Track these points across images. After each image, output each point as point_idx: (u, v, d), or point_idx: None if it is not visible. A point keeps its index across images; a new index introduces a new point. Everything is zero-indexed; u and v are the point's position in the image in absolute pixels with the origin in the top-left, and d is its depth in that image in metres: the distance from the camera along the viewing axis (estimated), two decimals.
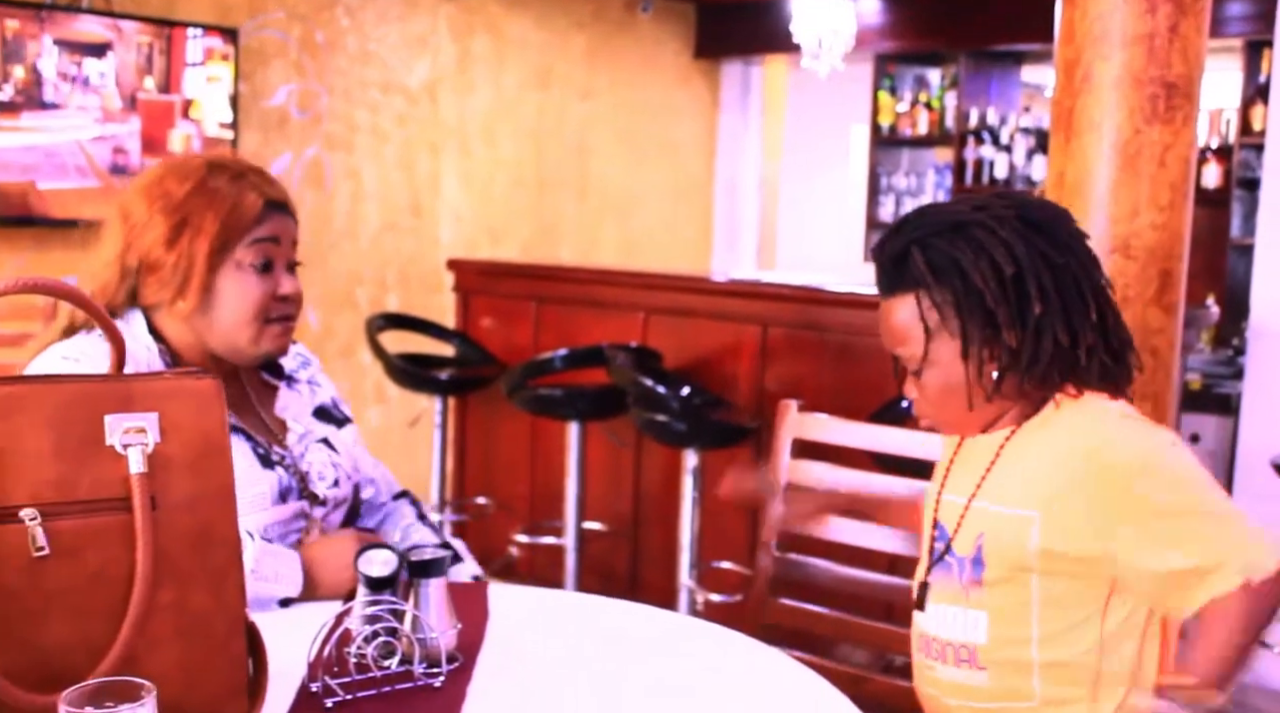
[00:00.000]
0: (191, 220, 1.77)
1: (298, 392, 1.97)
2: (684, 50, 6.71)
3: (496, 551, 4.59)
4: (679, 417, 3.52)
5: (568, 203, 6.17)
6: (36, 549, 1.18)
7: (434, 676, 1.44)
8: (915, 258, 1.55)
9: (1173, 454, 1.52)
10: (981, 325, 1.54)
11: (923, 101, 6.57)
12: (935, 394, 1.60)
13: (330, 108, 5.16)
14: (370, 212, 5.34)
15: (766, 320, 3.92)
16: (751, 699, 1.46)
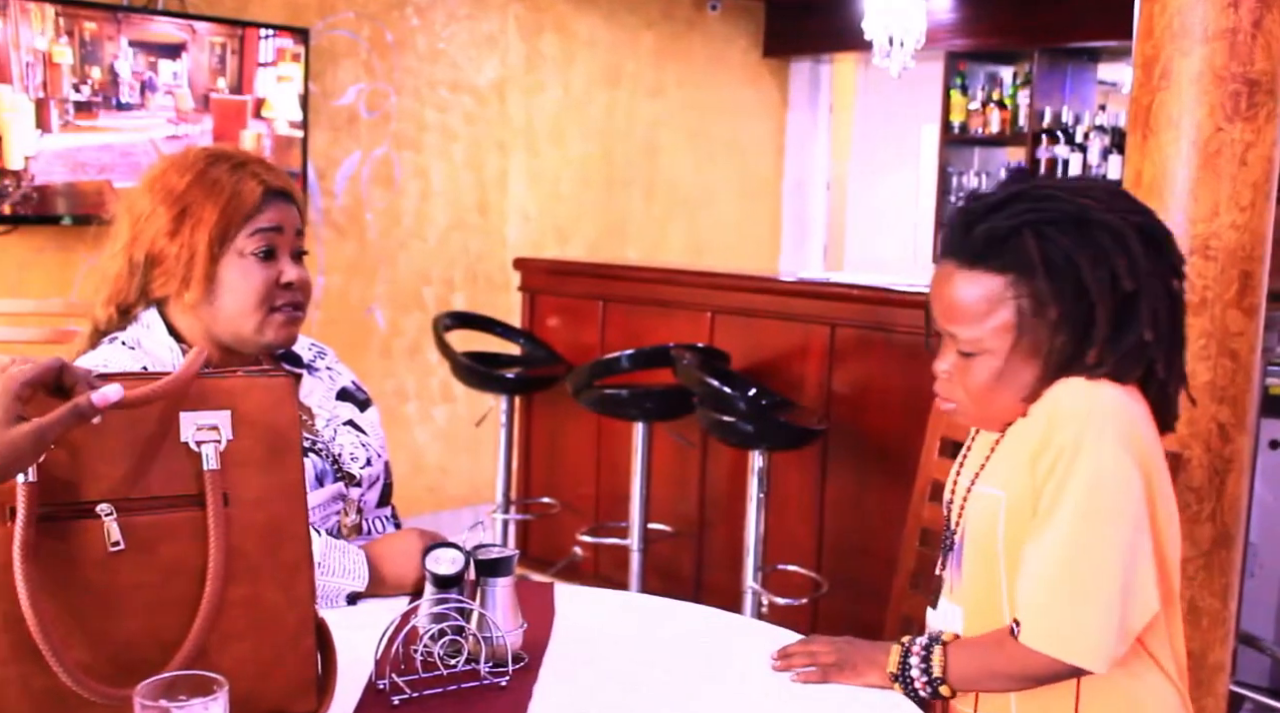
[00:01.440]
0: (192, 210, 1.78)
1: (319, 378, 1.99)
2: (753, 49, 6.69)
3: (561, 551, 4.60)
4: (746, 418, 3.51)
5: (635, 202, 6.18)
6: (112, 544, 1.20)
7: (500, 675, 1.45)
8: (1028, 242, 1.43)
9: (1117, 467, 1.40)
10: (1074, 334, 1.44)
11: (995, 100, 6.50)
12: (980, 383, 1.49)
13: (399, 107, 5.20)
14: (438, 211, 5.37)
15: (834, 321, 3.90)
16: (814, 702, 1.45)
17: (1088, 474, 1.40)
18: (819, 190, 7.28)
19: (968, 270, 1.46)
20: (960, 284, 1.47)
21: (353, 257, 5.09)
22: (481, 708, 1.39)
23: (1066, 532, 1.40)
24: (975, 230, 1.46)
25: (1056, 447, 1.42)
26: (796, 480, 3.91)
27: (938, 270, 1.51)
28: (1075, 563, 1.40)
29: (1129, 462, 1.41)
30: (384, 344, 5.22)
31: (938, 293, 1.50)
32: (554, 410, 4.65)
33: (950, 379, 1.52)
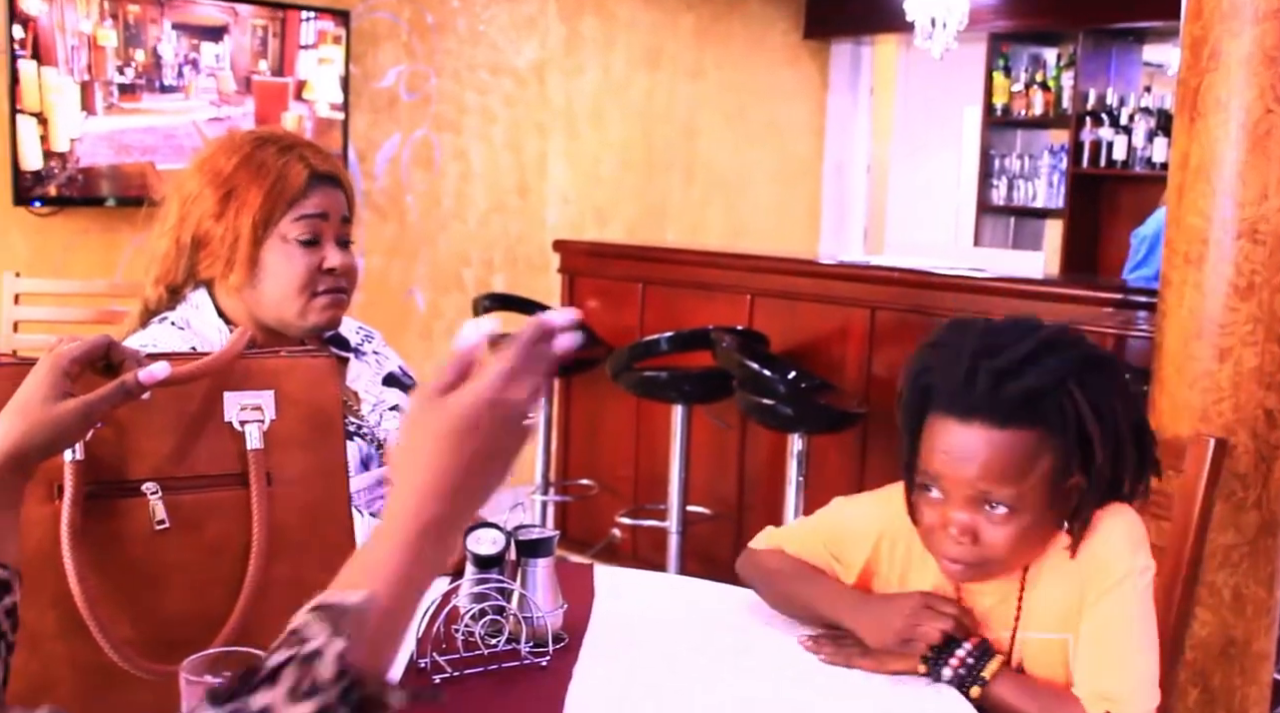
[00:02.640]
0: (237, 193, 1.77)
1: (366, 363, 1.99)
2: (793, 30, 6.65)
3: (600, 532, 4.61)
4: (785, 401, 3.50)
5: (675, 184, 6.17)
6: (157, 523, 1.21)
7: (540, 655, 1.45)
8: (1074, 396, 1.40)
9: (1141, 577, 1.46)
10: (1110, 473, 1.44)
11: (1038, 82, 6.43)
12: (1015, 537, 1.43)
13: (439, 89, 5.21)
14: (478, 193, 5.38)
15: (874, 304, 3.88)
16: (853, 684, 1.45)
17: (1137, 582, 1.45)
18: (859, 173, 7.24)
19: (1001, 429, 1.39)
20: (999, 442, 1.40)
21: (393, 238, 5.11)
22: (522, 688, 1.39)
23: (1140, 638, 1.45)
24: (1007, 388, 1.39)
25: (1109, 573, 1.45)
26: (836, 464, 3.90)
27: (959, 428, 1.41)
28: (1147, 668, 1.45)
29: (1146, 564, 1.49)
30: (424, 325, 5.24)
31: (966, 455, 1.40)
32: (593, 392, 4.66)
33: (972, 543, 1.43)
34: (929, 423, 1.44)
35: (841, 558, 1.63)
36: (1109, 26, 6.07)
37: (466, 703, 1.35)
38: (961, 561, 1.44)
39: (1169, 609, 1.89)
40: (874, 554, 1.60)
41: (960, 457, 1.40)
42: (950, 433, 1.41)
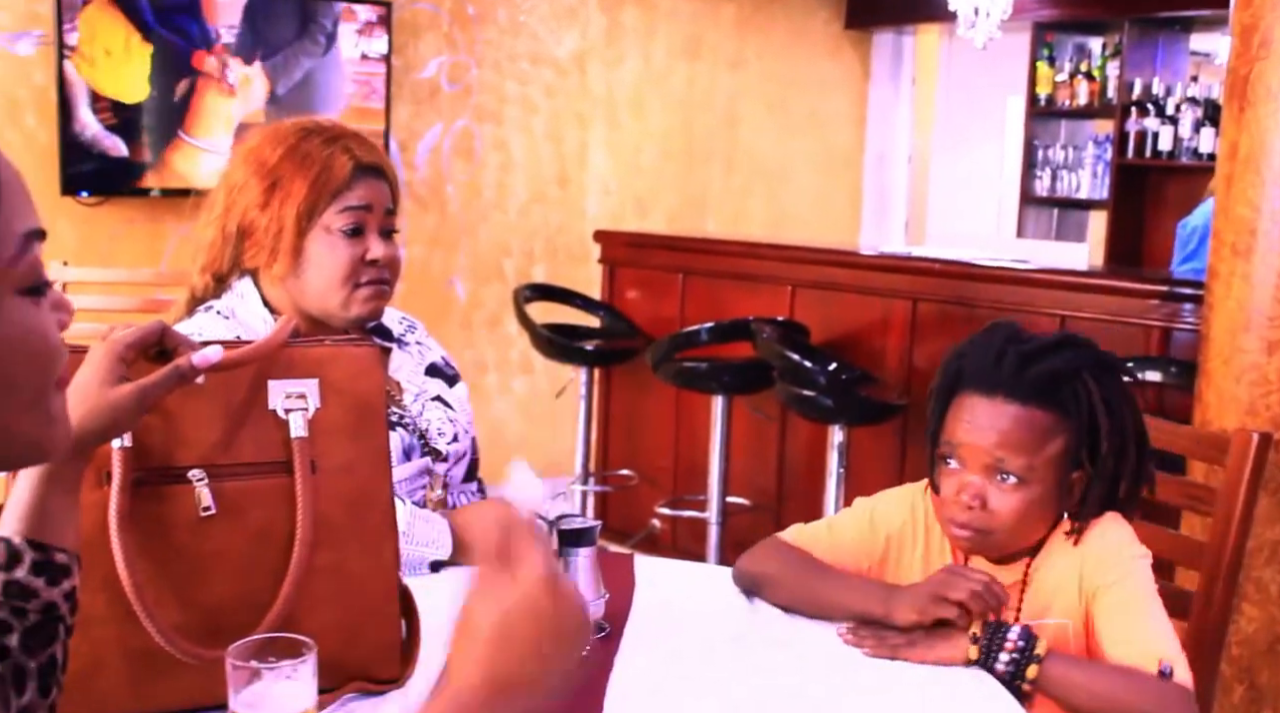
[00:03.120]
0: (282, 183, 1.78)
1: (408, 353, 1.99)
2: (834, 20, 6.62)
3: (639, 523, 4.61)
4: (826, 392, 3.49)
5: (715, 175, 6.15)
6: (203, 509, 1.23)
7: None
8: (1088, 385, 1.57)
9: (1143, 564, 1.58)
10: (1110, 469, 1.58)
11: (1083, 71, 6.37)
12: (1020, 509, 1.57)
13: (480, 79, 5.22)
14: (518, 183, 5.39)
15: (916, 295, 3.86)
16: (893, 677, 1.44)
17: (1144, 566, 1.58)
18: (900, 164, 7.20)
19: (1021, 406, 1.55)
20: (1018, 416, 1.56)
21: (434, 229, 5.13)
22: None
23: (1159, 610, 1.54)
24: (1030, 370, 1.55)
25: (1115, 565, 1.57)
26: (876, 455, 3.89)
27: (984, 402, 1.57)
28: (1174, 639, 1.52)
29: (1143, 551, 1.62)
30: (464, 316, 5.26)
31: (988, 425, 1.56)
32: (633, 383, 4.66)
33: (981, 508, 1.56)
34: (957, 400, 1.60)
35: (856, 557, 1.70)
36: (1156, 15, 6.00)
37: None
38: (970, 525, 1.57)
39: (1210, 605, 1.87)
40: (885, 554, 1.70)
41: (982, 426, 1.56)
42: (976, 406, 1.57)
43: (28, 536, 1.01)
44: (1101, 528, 1.60)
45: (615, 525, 4.67)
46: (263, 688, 1.04)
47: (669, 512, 4.40)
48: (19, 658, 0.98)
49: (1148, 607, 1.54)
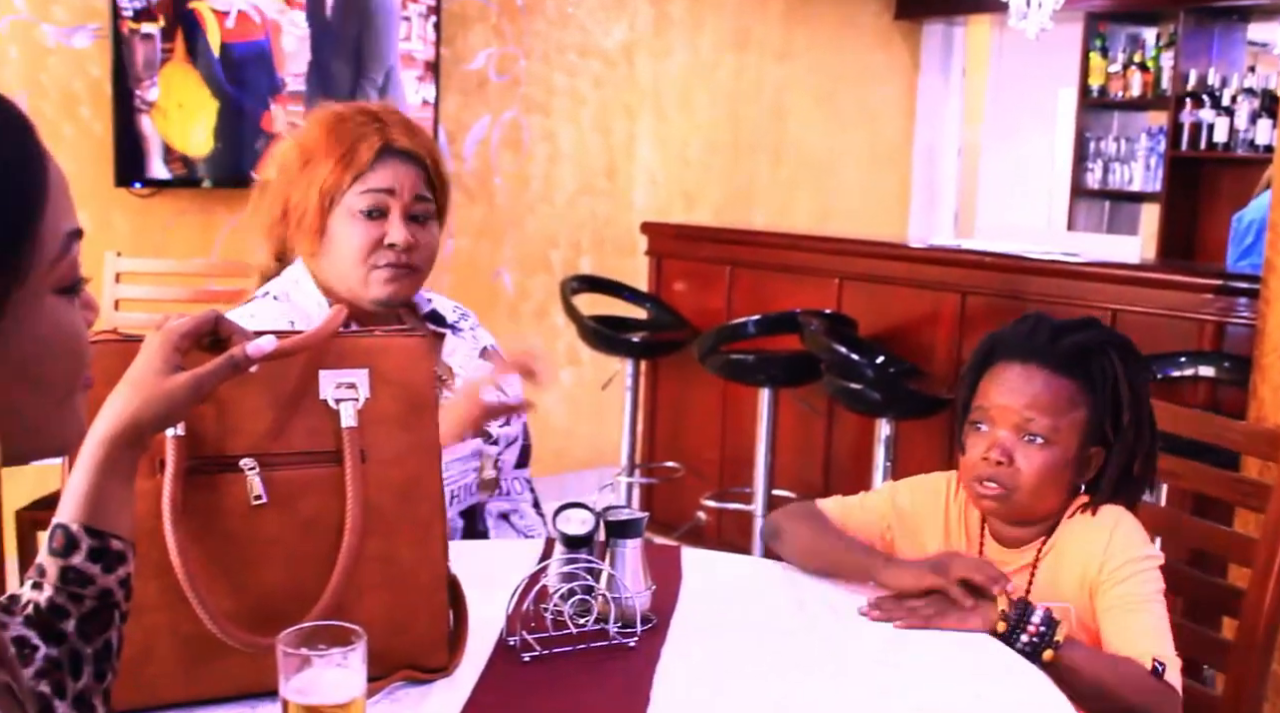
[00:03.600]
0: (314, 162, 1.80)
1: (462, 339, 2.01)
2: (884, 11, 6.57)
3: (685, 515, 4.61)
4: (873, 385, 3.47)
5: (763, 167, 6.13)
6: (254, 498, 1.24)
7: (629, 635, 1.46)
8: (1113, 361, 1.68)
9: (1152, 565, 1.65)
10: (1126, 447, 1.68)
11: (1136, 62, 6.29)
12: (1043, 471, 1.66)
13: (528, 71, 5.22)
14: (566, 175, 5.39)
15: (965, 288, 3.83)
16: (940, 670, 1.44)
17: (1155, 573, 1.65)
18: (950, 156, 7.14)
19: (1052, 372, 1.67)
20: (1048, 381, 1.67)
21: (481, 220, 5.15)
22: (610, 668, 1.40)
23: (1161, 612, 1.62)
24: (1062, 341, 1.68)
25: (1124, 557, 1.64)
26: (923, 449, 3.86)
27: (1017, 367, 1.68)
28: (1169, 636, 1.61)
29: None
30: (511, 307, 5.27)
31: (1019, 387, 1.67)
32: (679, 375, 4.66)
33: (1008, 465, 1.66)
34: (990, 371, 1.71)
35: (875, 530, 1.82)
36: (1212, 4, 5.91)
37: (555, 682, 1.36)
38: (995, 479, 1.66)
39: (1261, 602, 1.84)
40: (901, 533, 1.81)
41: (1013, 389, 1.67)
42: (1009, 371, 1.68)
43: (85, 523, 1.02)
44: (1116, 520, 1.68)
45: (660, 518, 4.68)
46: (313, 675, 1.05)
47: (714, 504, 4.39)
48: (75, 643, 1.00)
49: (1151, 608, 1.62)
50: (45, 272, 0.77)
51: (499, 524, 1.95)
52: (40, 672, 0.95)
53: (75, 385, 0.82)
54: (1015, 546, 1.73)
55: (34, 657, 0.95)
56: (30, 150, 0.76)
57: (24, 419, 0.78)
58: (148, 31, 4.04)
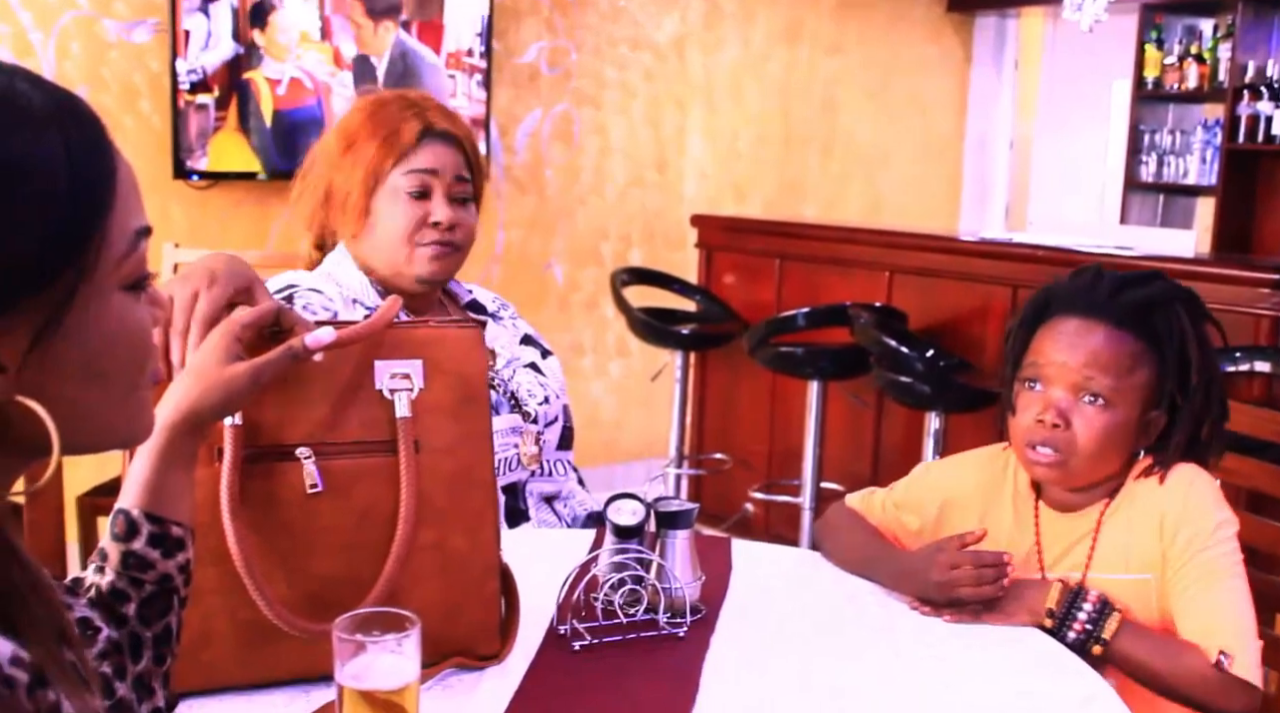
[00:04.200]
0: (357, 146, 1.85)
1: (503, 326, 2.04)
2: (936, 3, 6.52)
3: (733, 506, 4.61)
4: (923, 379, 3.45)
5: (813, 160, 6.11)
6: (310, 487, 1.25)
7: (678, 625, 1.46)
8: (1181, 317, 1.57)
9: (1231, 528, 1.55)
10: (1195, 407, 1.57)
11: (1193, 54, 6.20)
12: (1103, 434, 1.56)
13: (579, 64, 5.23)
14: (617, 167, 5.40)
15: (1016, 282, 3.79)
16: (989, 663, 1.43)
17: (1229, 538, 1.54)
18: (1002, 149, 7.08)
19: (1114, 327, 1.55)
20: (1109, 336, 1.55)
21: (532, 212, 5.16)
22: (659, 657, 1.40)
23: (1236, 580, 1.51)
24: (1125, 295, 1.56)
25: (1195, 524, 1.53)
26: (973, 443, 3.78)
27: (1075, 322, 1.57)
28: (1250, 615, 1.50)
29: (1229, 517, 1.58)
30: (562, 298, 5.28)
31: (1077, 342, 1.56)
32: (728, 367, 4.65)
33: (1064, 428, 1.56)
34: (1046, 325, 1.60)
35: (909, 519, 1.76)
36: None
37: (604, 671, 1.37)
38: (1050, 443, 1.56)
39: None
40: (939, 515, 1.73)
41: (1071, 345, 1.55)
42: (1067, 324, 1.57)
43: (146, 509, 1.04)
44: (1188, 479, 1.57)
45: (708, 509, 4.68)
46: (368, 661, 1.06)
47: (762, 496, 4.39)
48: (135, 627, 1.01)
49: (1227, 583, 1.50)
50: (112, 268, 0.78)
51: (541, 506, 1.97)
52: (102, 653, 0.97)
53: (140, 380, 0.83)
54: (1072, 510, 1.63)
55: (96, 638, 0.97)
56: (100, 148, 0.77)
57: (89, 412, 0.79)
58: (202, 102, 4.11)
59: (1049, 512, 1.66)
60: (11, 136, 0.72)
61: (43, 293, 0.73)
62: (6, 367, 0.73)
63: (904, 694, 1.35)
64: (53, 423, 0.75)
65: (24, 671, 0.67)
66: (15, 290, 0.72)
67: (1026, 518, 1.68)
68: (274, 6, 4.23)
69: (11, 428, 0.75)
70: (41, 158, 0.73)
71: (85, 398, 0.78)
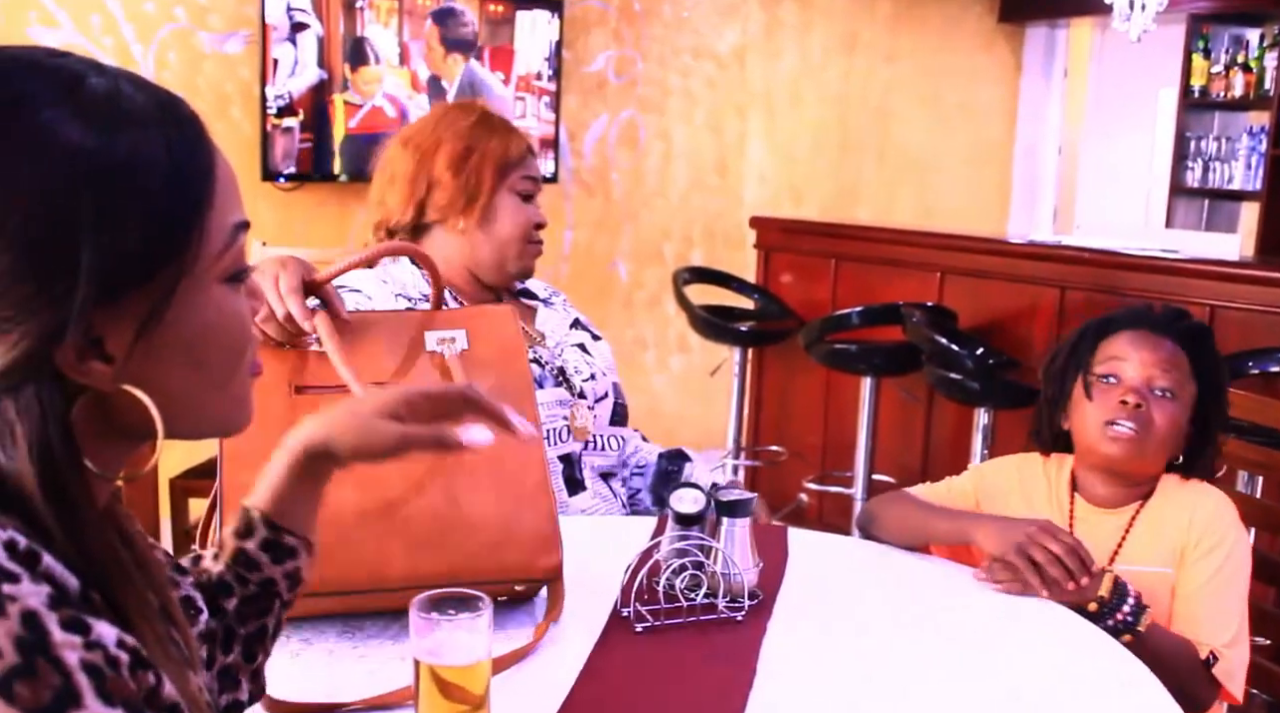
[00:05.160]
0: (478, 147, 1.94)
1: (554, 310, 2.10)
2: (988, 14, 6.45)
3: (787, 497, 4.59)
4: (973, 376, 3.42)
5: (868, 165, 6.06)
6: None
7: (736, 610, 1.46)
8: (1215, 353, 1.75)
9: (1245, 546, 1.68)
10: (1218, 422, 1.73)
11: (1239, 63, 6.08)
12: (1168, 420, 1.68)
13: (645, 73, 5.23)
14: (679, 171, 5.39)
15: (1064, 283, 3.74)
16: (1039, 654, 1.41)
17: (1243, 554, 1.66)
18: (1050, 155, 6.99)
19: (1175, 343, 1.71)
20: (1173, 349, 1.71)
21: (599, 213, 5.17)
22: (718, 640, 1.40)
23: (1239, 592, 1.63)
24: (1180, 322, 1.74)
25: (1216, 534, 1.65)
26: (1020, 438, 3.74)
27: (1147, 332, 1.72)
28: (1243, 622, 1.62)
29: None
30: (625, 295, 5.29)
31: (1152, 345, 1.70)
32: (785, 363, 4.63)
33: (1146, 408, 1.67)
34: (1116, 335, 1.73)
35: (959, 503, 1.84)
36: None
37: (665, 652, 1.36)
38: (1134, 420, 1.66)
39: None
40: (979, 505, 1.83)
41: (1145, 345, 1.70)
42: (1137, 335, 1.72)
43: (266, 513, 1.02)
44: (1216, 496, 1.69)
45: (763, 499, 4.64)
46: (442, 637, 1.07)
47: (816, 487, 4.37)
48: (231, 621, 1.01)
49: (1231, 589, 1.62)
50: (212, 261, 0.77)
51: (596, 479, 1.98)
52: (199, 635, 0.96)
53: (237, 371, 0.82)
54: (1108, 506, 1.72)
55: (197, 619, 0.96)
56: (199, 146, 0.77)
57: (189, 400, 0.79)
58: (288, 125, 4.16)
59: (1085, 507, 1.74)
60: (118, 136, 0.72)
61: (147, 285, 0.73)
62: (114, 357, 0.73)
63: (953, 677, 1.33)
64: (157, 411, 0.75)
65: (126, 652, 0.68)
66: (122, 283, 0.72)
67: (1062, 511, 1.75)
68: (359, 36, 4.27)
69: (117, 415, 0.76)
70: (145, 156, 0.73)
71: (186, 386, 0.78)
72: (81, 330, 0.70)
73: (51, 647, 0.63)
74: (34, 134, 0.70)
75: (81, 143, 0.70)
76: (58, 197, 0.69)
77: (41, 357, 0.70)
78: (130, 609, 0.72)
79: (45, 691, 0.62)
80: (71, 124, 0.70)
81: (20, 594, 0.64)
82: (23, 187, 0.69)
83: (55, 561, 0.67)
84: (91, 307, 0.70)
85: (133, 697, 0.67)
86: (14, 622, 0.63)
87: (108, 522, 0.74)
